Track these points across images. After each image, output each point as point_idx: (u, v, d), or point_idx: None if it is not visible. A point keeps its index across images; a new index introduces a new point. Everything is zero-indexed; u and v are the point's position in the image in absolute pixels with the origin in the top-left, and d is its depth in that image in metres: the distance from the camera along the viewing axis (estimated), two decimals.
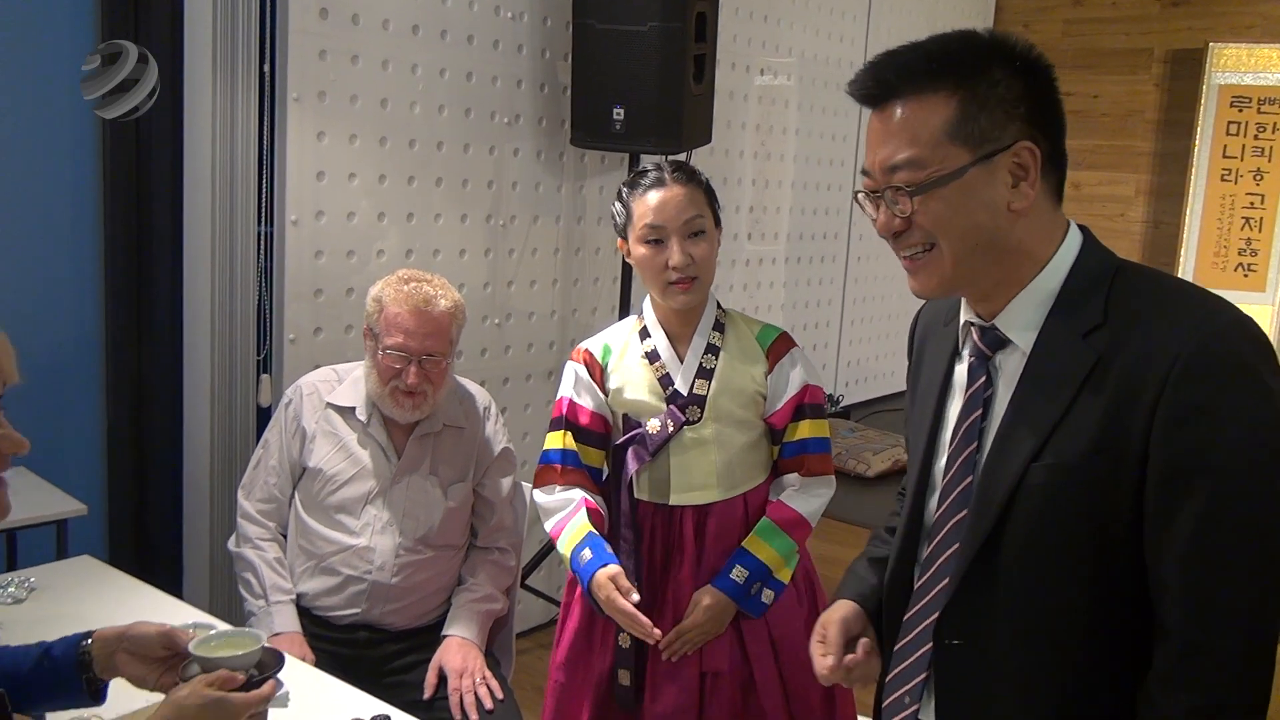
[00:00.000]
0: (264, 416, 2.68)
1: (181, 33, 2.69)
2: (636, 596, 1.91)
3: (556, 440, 2.06)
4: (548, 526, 2.04)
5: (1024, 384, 1.21)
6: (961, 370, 1.31)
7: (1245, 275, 4.86)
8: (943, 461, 1.30)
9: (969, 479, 1.25)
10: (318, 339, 2.83)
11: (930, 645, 1.28)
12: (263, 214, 2.75)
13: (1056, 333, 1.19)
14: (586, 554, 1.95)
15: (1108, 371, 1.14)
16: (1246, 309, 1.16)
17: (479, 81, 3.13)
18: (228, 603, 2.48)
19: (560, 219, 3.46)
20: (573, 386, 2.08)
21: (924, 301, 1.42)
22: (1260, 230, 4.85)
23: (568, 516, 2.01)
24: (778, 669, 1.99)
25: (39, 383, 2.71)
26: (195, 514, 2.80)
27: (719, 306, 2.06)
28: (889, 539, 1.49)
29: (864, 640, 1.41)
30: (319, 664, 2.00)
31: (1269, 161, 4.80)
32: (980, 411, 1.25)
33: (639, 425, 2.01)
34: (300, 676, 1.84)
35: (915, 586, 1.33)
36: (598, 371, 2.06)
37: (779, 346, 2.03)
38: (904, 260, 1.25)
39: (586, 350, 2.09)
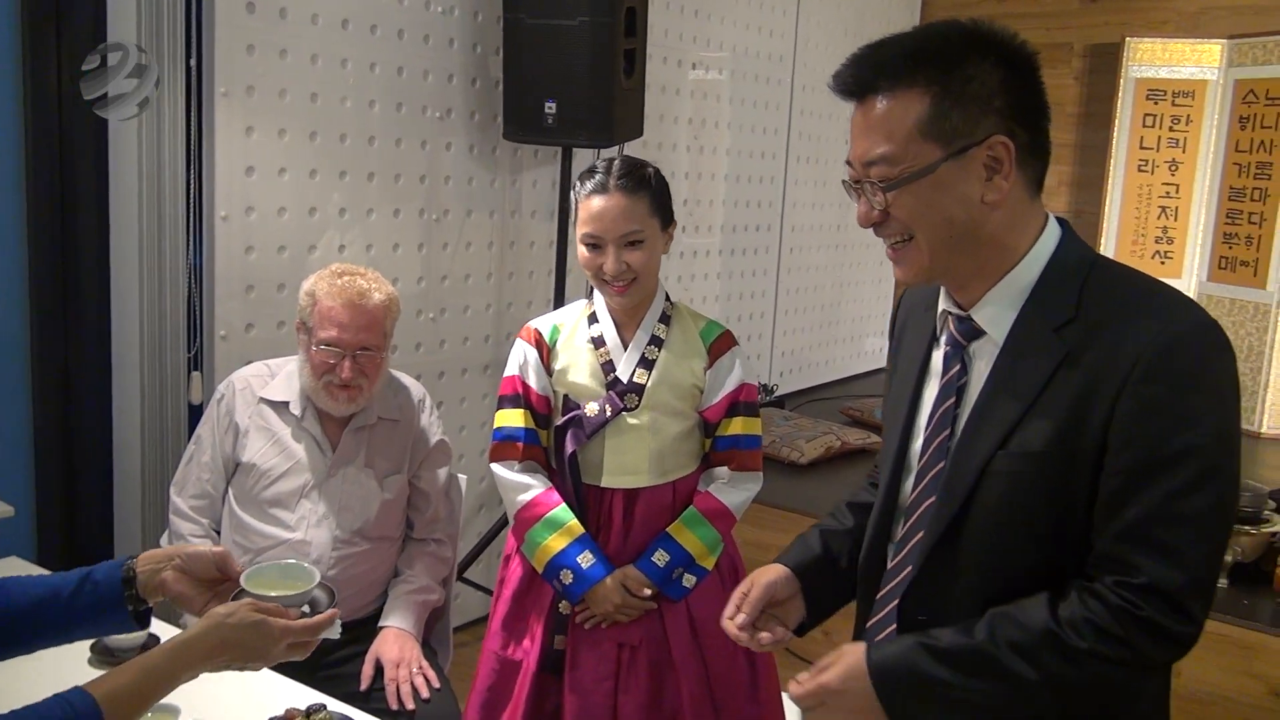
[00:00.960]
0: (195, 414, 2.66)
1: (105, 26, 2.65)
2: (649, 591, 2.02)
3: (517, 419, 2.11)
4: (515, 498, 2.09)
5: (995, 374, 1.26)
6: (938, 357, 1.35)
7: (1162, 263, 5.02)
8: (919, 444, 1.35)
9: (941, 464, 1.29)
10: (249, 335, 2.81)
11: (896, 625, 1.33)
12: (191, 210, 2.73)
13: (1029, 326, 1.24)
14: (589, 557, 2.03)
15: (1076, 366, 1.18)
16: None
17: (410, 76, 3.13)
18: (162, 602, 2.46)
19: (494, 213, 3.47)
20: (521, 366, 2.13)
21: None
22: (1175, 219, 5.01)
23: (543, 503, 2.06)
24: (698, 649, 2.05)
25: None
26: (126, 513, 2.78)
27: (668, 299, 2.13)
28: (847, 515, 1.54)
29: (780, 630, 1.45)
30: None
31: (1183, 152, 4.96)
32: (954, 399, 1.30)
33: (578, 407, 2.06)
34: (246, 675, 1.84)
35: (889, 565, 1.37)
36: (545, 351, 2.12)
37: (720, 344, 2.11)
38: (887, 250, 1.29)
39: (536, 330, 2.15)
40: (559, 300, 3.42)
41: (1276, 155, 4.60)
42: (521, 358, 2.13)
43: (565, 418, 2.09)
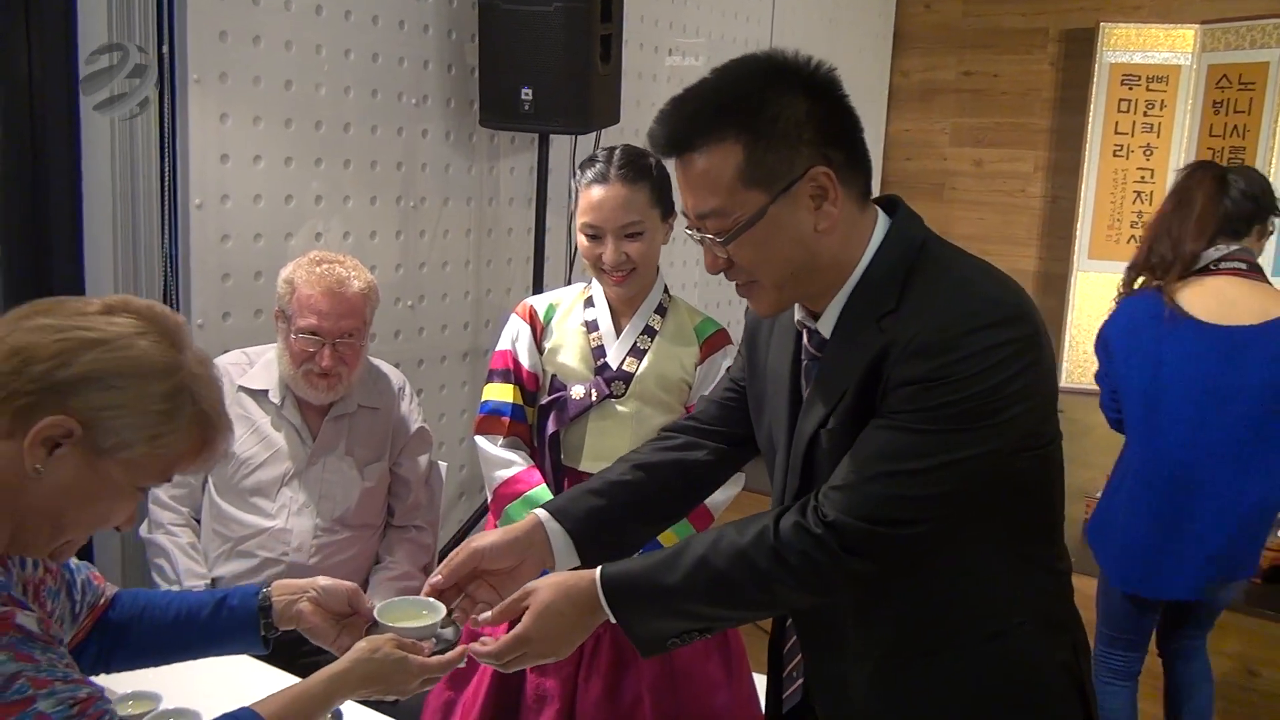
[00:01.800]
0: None
1: (75, 12, 2.62)
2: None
3: (506, 393, 2.12)
4: (496, 474, 2.10)
5: (823, 365, 1.33)
6: (803, 369, 1.40)
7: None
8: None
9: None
10: (226, 323, 2.79)
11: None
12: (166, 198, 2.70)
13: (853, 318, 1.30)
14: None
15: (882, 343, 1.24)
16: None
17: (385, 62, 3.11)
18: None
19: (471, 200, 3.46)
20: (514, 342, 2.14)
21: None
22: (1150, 204, 5.05)
23: (523, 481, 2.07)
24: None
25: None
26: None
27: (665, 291, 2.13)
28: (633, 470, 1.56)
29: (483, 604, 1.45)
30: None
31: (1158, 137, 5.00)
32: None
33: (564, 388, 2.06)
34: (223, 659, 1.84)
35: None
36: (538, 329, 2.13)
37: (714, 341, 2.12)
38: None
39: (531, 307, 2.16)
40: (537, 287, 3.41)
41: (1249, 140, 4.64)
42: (515, 333, 2.14)
43: (550, 398, 2.10)
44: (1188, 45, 4.88)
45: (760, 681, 2.13)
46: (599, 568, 1.35)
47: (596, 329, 2.10)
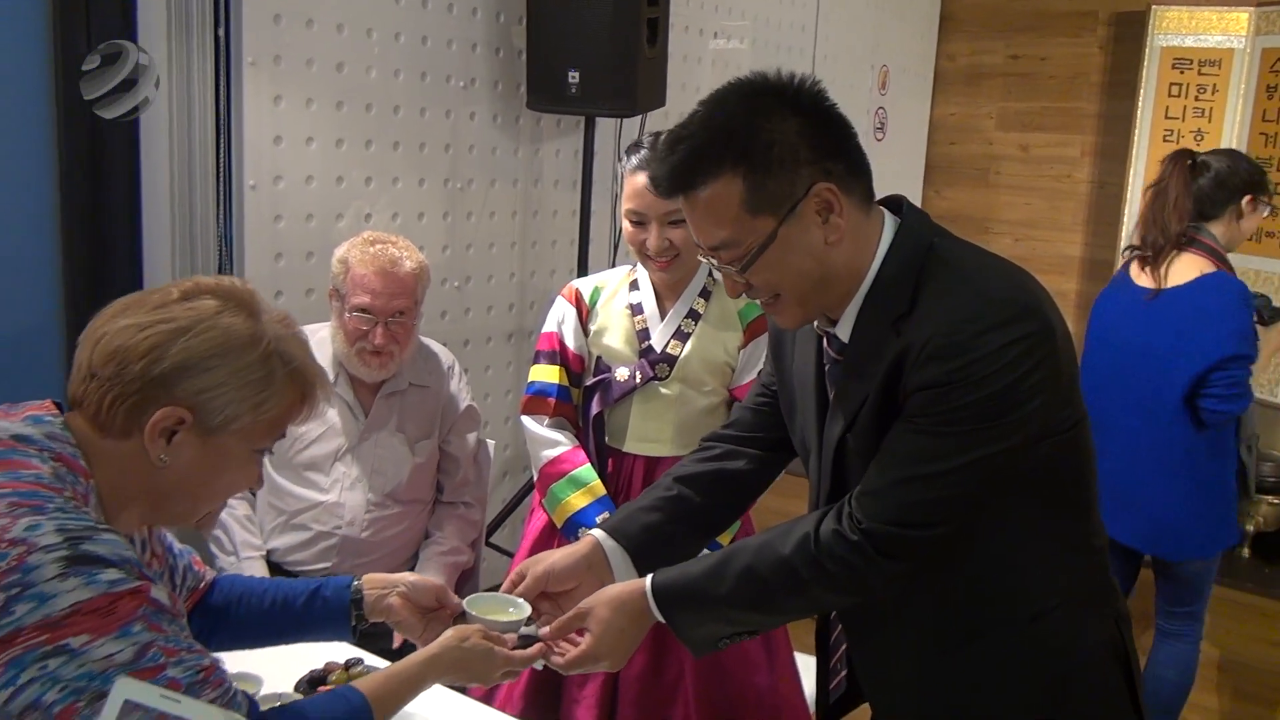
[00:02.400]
0: None
1: None
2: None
3: (552, 374, 2.16)
4: (541, 453, 2.14)
5: (844, 370, 1.36)
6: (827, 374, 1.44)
7: None
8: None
9: None
10: (279, 302, 2.84)
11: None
12: (221, 179, 2.76)
13: (868, 323, 1.32)
14: (607, 519, 2.05)
15: (899, 348, 1.27)
16: None
17: (434, 45, 3.15)
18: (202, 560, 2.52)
19: (518, 182, 3.49)
20: (559, 324, 2.17)
21: None
22: None
23: (568, 460, 2.11)
24: None
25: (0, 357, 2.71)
26: None
27: (710, 274, 2.14)
28: (678, 485, 1.61)
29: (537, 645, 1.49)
30: None
31: (1209, 123, 4.92)
32: None
33: (609, 370, 2.09)
34: None
35: None
36: (584, 311, 2.16)
37: (759, 324, 2.12)
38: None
39: (577, 290, 2.19)
40: (581, 269, 3.44)
41: None
42: (560, 315, 2.17)
43: (595, 379, 2.13)
44: (1241, 28, 4.80)
45: (802, 662, 2.16)
46: (649, 577, 1.41)
47: (641, 312, 2.12)
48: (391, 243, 2.24)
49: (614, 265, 3.79)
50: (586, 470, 2.10)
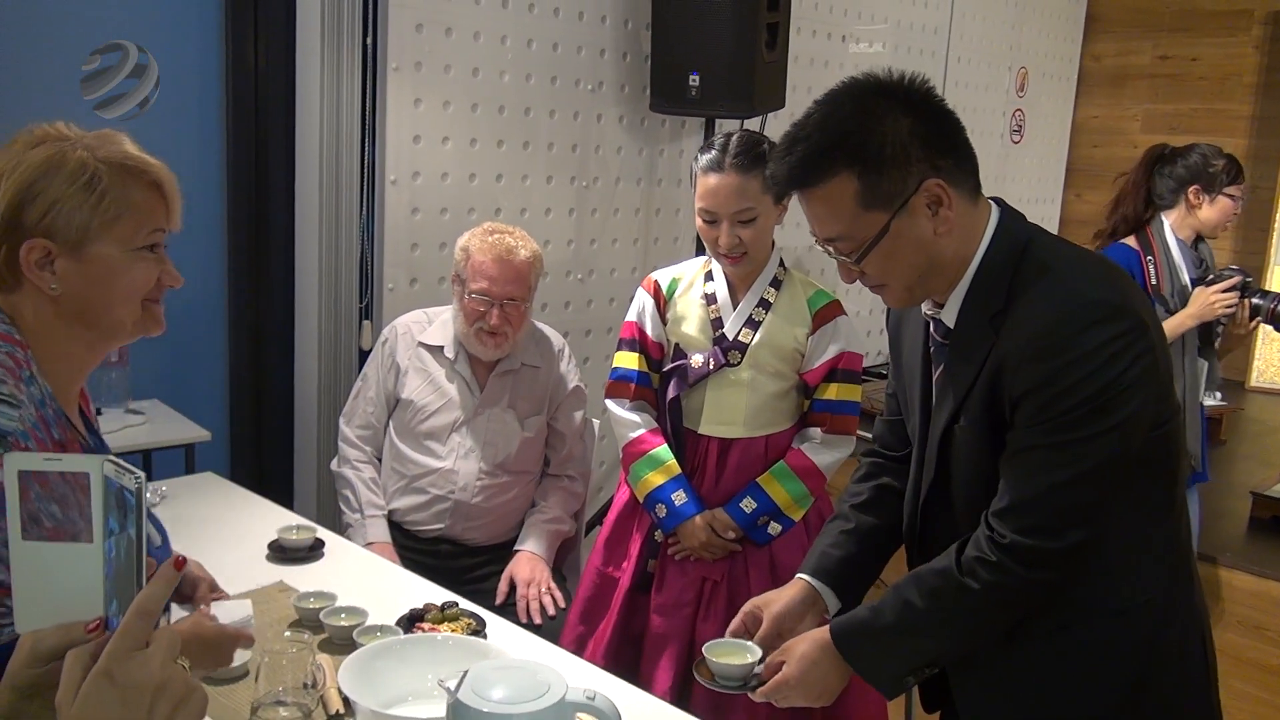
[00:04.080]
0: (365, 357, 2.96)
1: (294, 11, 2.97)
2: (733, 534, 2.18)
3: (632, 361, 2.32)
4: (624, 434, 2.30)
5: (948, 361, 1.43)
6: (933, 356, 1.51)
7: None
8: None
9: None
10: (413, 289, 3.09)
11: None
12: (365, 175, 3.02)
13: (970, 317, 1.40)
14: (682, 496, 2.21)
15: (996, 350, 1.35)
16: None
17: (564, 51, 3.34)
18: (332, 515, 2.78)
19: (641, 181, 3.66)
20: (639, 313, 2.32)
21: None
22: None
23: (647, 441, 2.26)
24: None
25: (173, 329, 3.02)
26: (304, 440, 3.12)
27: (781, 264, 2.25)
28: (851, 516, 1.70)
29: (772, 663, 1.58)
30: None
31: None
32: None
33: (685, 356, 2.22)
34: (391, 574, 2.10)
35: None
36: (662, 302, 2.30)
37: (826, 312, 2.22)
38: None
39: (655, 281, 2.33)
40: None
41: None
42: (641, 306, 2.32)
43: (672, 365, 2.26)
44: None
45: None
46: (830, 624, 1.51)
47: (715, 301, 2.23)
48: (508, 233, 2.43)
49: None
50: (664, 450, 2.24)
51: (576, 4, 3.35)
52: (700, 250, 3.63)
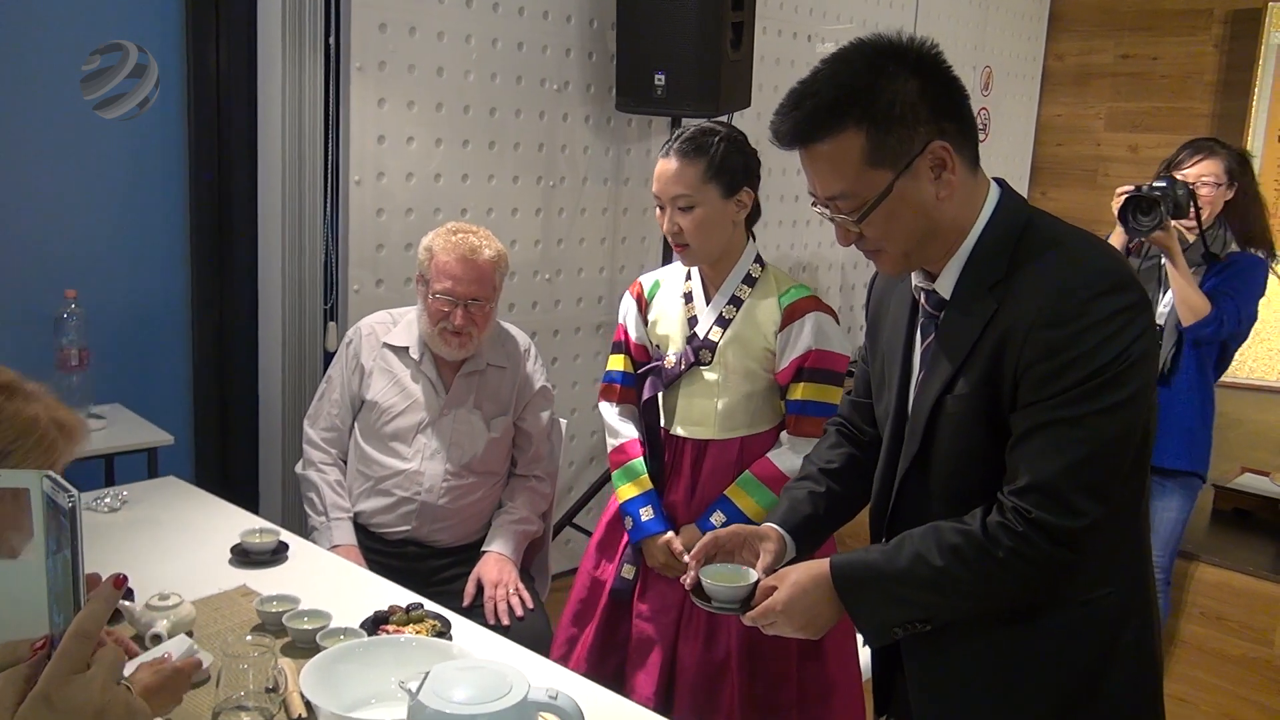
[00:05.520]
0: (330, 359, 2.94)
1: (255, 9, 2.94)
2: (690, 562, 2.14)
3: (618, 363, 2.35)
4: (609, 440, 2.32)
5: (941, 330, 1.42)
6: (919, 324, 1.50)
7: None
8: (912, 402, 1.50)
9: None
10: (379, 290, 3.08)
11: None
12: (328, 175, 3.00)
13: (968, 286, 1.39)
14: (648, 512, 2.20)
15: (999, 319, 1.34)
16: None
17: (530, 50, 3.34)
18: (298, 519, 2.76)
19: (607, 180, 3.66)
20: (624, 316, 2.35)
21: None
22: None
23: (628, 451, 2.27)
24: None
25: (134, 332, 3.01)
26: (269, 443, 3.09)
27: (757, 260, 2.21)
28: (821, 480, 1.70)
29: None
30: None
31: None
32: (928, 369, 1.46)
33: (663, 357, 2.24)
34: (356, 577, 2.09)
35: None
36: (644, 305, 2.31)
37: (796, 308, 2.14)
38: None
39: (640, 284, 2.35)
40: (666, 263, 3.58)
41: None
42: (625, 309, 2.34)
43: (648, 365, 2.26)
44: None
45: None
46: (829, 558, 1.46)
47: (691, 299, 2.23)
48: (472, 232, 2.42)
49: None
50: (639, 463, 2.24)
51: (541, 3, 3.34)
52: (667, 249, 3.63)
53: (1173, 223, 2.85)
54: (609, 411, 2.34)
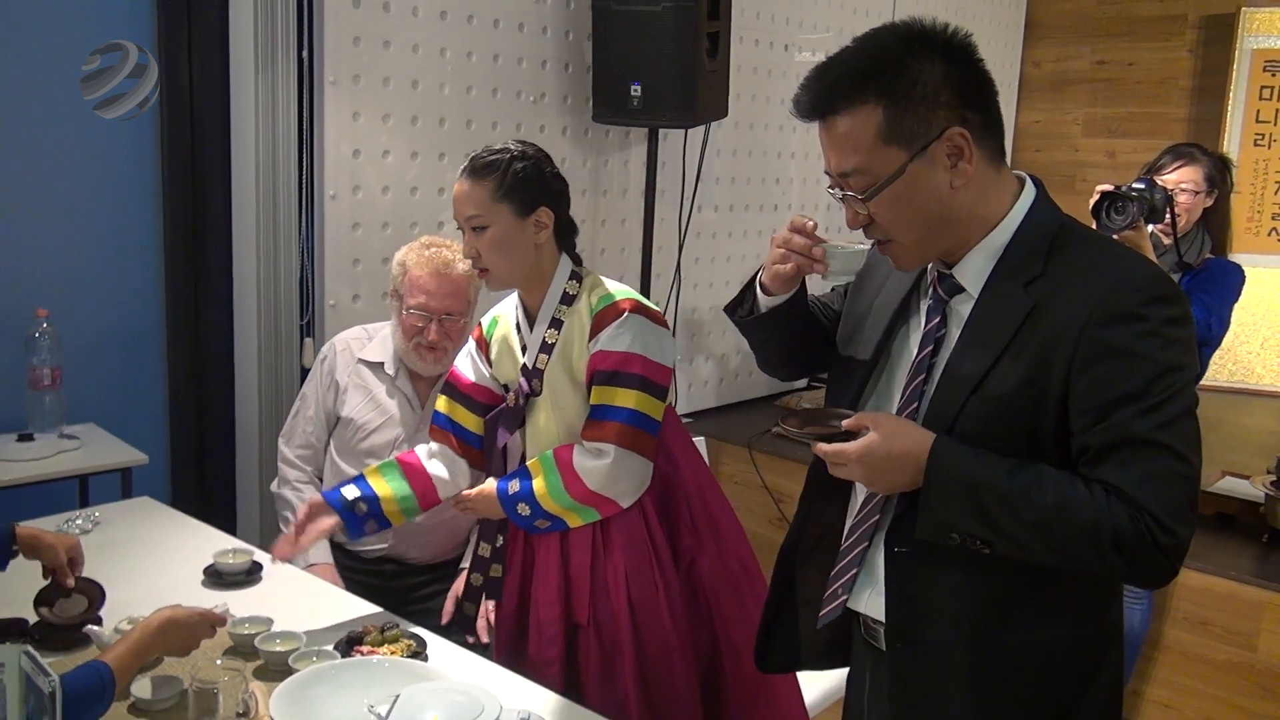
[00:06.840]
0: (307, 375, 2.92)
1: (226, 23, 2.92)
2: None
3: (441, 403, 2.16)
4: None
5: (970, 325, 1.38)
6: (923, 307, 1.47)
7: None
8: (897, 387, 1.47)
9: (915, 405, 1.42)
10: (355, 305, 3.05)
11: (867, 545, 1.46)
12: (303, 190, 2.98)
13: (1001, 281, 1.37)
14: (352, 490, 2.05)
15: (1041, 317, 1.32)
16: None
17: (505, 63, 3.33)
18: (275, 537, 2.72)
19: (586, 192, 3.65)
20: (458, 357, 2.18)
21: None
22: None
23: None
24: (634, 629, 1.98)
25: (109, 350, 2.98)
26: (246, 462, 3.06)
27: (573, 277, 2.05)
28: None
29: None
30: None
31: None
32: (931, 349, 1.43)
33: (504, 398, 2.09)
34: (332, 596, 2.07)
35: (862, 494, 1.50)
36: (484, 345, 2.14)
37: (604, 316, 1.97)
38: (876, 245, 1.43)
39: (480, 324, 2.17)
40: (646, 276, 3.57)
41: None
42: (465, 350, 2.17)
43: (495, 410, 2.09)
44: None
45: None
46: (937, 436, 1.35)
47: (520, 330, 2.08)
48: (446, 246, 2.41)
49: (679, 271, 3.91)
50: (392, 462, 2.12)
51: (517, 15, 3.33)
52: (645, 262, 3.63)
53: (1149, 227, 2.85)
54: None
